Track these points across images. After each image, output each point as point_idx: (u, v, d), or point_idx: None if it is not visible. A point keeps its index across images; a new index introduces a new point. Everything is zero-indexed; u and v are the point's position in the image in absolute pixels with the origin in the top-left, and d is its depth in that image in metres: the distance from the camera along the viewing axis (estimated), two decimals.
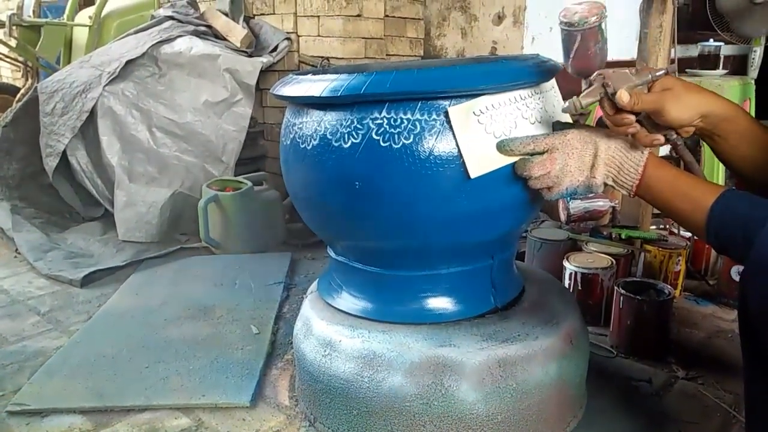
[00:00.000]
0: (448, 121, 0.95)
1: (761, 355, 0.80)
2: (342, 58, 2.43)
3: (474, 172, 0.95)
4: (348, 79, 0.97)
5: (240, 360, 1.42)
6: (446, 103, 0.96)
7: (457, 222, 1.03)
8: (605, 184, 0.94)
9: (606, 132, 0.94)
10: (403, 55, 2.69)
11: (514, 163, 0.96)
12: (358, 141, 0.98)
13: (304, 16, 2.53)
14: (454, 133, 0.95)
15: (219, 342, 1.51)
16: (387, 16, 2.56)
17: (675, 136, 0.92)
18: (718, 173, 2.25)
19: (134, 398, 1.28)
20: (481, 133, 0.95)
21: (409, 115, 0.96)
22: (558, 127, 1.01)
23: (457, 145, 0.95)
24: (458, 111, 0.95)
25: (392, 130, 0.96)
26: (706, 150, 1.97)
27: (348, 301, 1.19)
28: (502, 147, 0.95)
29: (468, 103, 0.95)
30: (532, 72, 1.03)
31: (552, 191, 0.96)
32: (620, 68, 0.91)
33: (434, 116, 0.96)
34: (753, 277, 0.78)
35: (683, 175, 0.93)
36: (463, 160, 0.95)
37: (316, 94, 1.00)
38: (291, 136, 1.09)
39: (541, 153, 0.94)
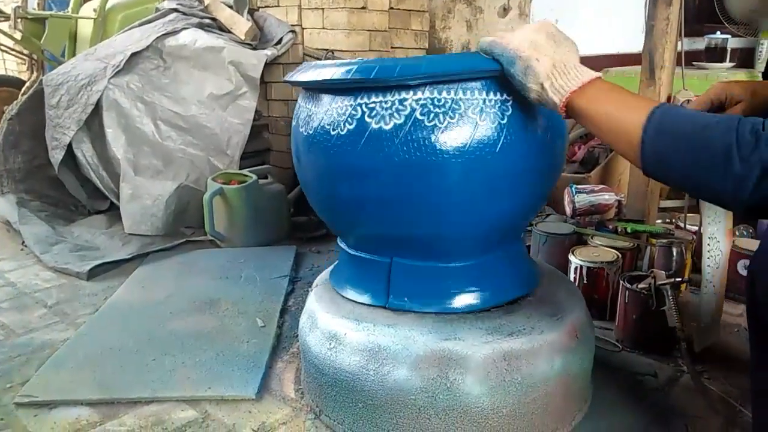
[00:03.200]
0: None
1: None
2: (347, 51, 2.43)
3: None
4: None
5: (246, 353, 1.43)
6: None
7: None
8: (543, 86, 0.88)
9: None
10: (408, 48, 2.68)
11: None
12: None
13: (309, 9, 2.53)
14: None
15: (225, 335, 1.52)
16: (392, 8, 2.54)
17: None
18: None
19: (141, 390, 1.29)
20: None
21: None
22: None
23: None
24: None
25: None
26: None
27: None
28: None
29: None
30: None
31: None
32: None
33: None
34: (763, 263, 0.78)
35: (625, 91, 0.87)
36: None
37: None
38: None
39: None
